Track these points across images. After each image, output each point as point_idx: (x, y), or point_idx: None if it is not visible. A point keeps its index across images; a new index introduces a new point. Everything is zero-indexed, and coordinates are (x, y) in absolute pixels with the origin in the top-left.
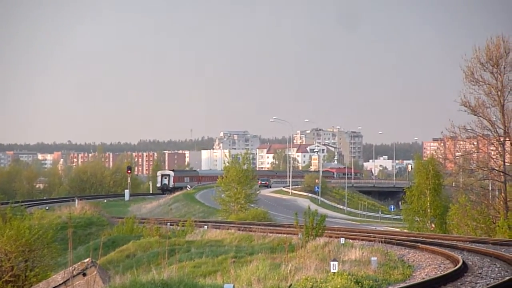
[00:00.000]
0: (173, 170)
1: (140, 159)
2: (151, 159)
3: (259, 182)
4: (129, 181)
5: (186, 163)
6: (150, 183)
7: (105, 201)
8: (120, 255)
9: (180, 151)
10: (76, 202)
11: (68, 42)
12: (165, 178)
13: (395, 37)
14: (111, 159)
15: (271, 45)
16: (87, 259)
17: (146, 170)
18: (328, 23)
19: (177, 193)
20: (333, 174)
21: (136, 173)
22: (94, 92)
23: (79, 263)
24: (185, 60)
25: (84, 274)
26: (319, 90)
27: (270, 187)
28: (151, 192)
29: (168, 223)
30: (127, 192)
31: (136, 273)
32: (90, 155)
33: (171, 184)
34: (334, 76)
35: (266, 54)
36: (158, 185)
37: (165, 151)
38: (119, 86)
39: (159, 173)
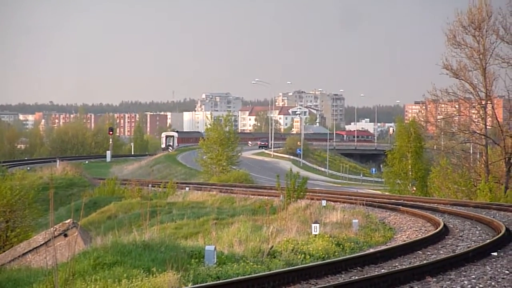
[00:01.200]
0: (177, 132)
1: (122, 121)
2: (133, 120)
3: (259, 143)
4: (111, 142)
5: (168, 125)
6: (132, 144)
7: (87, 162)
8: (101, 216)
9: (162, 113)
10: (58, 163)
11: (54, 3)
12: (170, 139)
13: (379, 1)
14: (92, 120)
15: (254, 5)
16: (69, 220)
17: (128, 131)
18: None
19: (158, 155)
20: (343, 137)
21: (118, 134)
22: (77, 53)
23: (60, 224)
24: (169, 22)
25: (66, 235)
26: (302, 52)
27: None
28: (132, 153)
29: (150, 185)
30: (108, 153)
31: (118, 234)
32: (72, 116)
33: (175, 145)
34: (316, 38)
35: (249, 15)
36: (163, 146)
37: (147, 113)
38: (102, 48)
39: (163, 134)
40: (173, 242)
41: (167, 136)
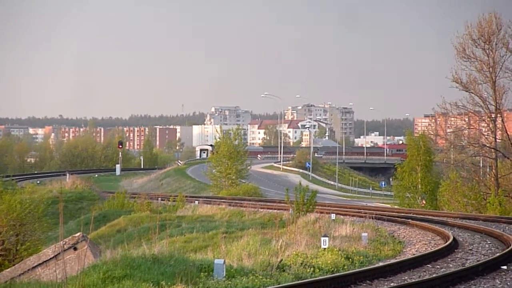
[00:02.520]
0: (211, 145)
1: (131, 134)
2: (142, 134)
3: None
4: (120, 155)
5: (177, 138)
6: (142, 157)
7: (96, 175)
8: (111, 230)
9: (172, 126)
10: (67, 176)
11: (65, 17)
12: (204, 152)
13: (388, 14)
14: (102, 134)
15: (265, 19)
16: (78, 234)
17: (138, 145)
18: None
19: (168, 168)
20: (385, 150)
21: (127, 148)
22: (86, 67)
23: (70, 237)
24: (178, 35)
25: (75, 249)
26: (311, 66)
27: None
28: (142, 167)
29: (159, 198)
30: (118, 166)
31: (127, 248)
32: (81, 129)
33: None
34: (325, 52)
35: (259, 30)
36: (198, 158)
37: (157, 126)
38: (112, 61)
39: (198, 147)
40: (183, 256)
41: (201, 150)
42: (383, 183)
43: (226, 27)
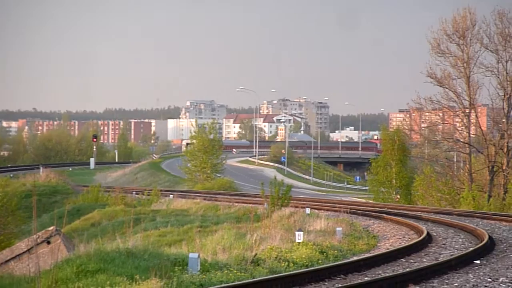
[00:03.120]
0: None
1: (105, 128)
2: (117, 127)
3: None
4: (94, 149)
5: (152, 132)
6: (116, 151)
7: (70, 169)
8: (85, 224)
9: (146, 120)
10: (41, 170)
11: (39, 10)
12: (190, 146)
13: (362, 8)
14: (76, 127)
15: (238, 14)
16: (52, 227)
17: (112, 138)
18: None
19: (142, 162)
20: (376, 145)
21: (101, 141)
22: (61, 60)
23: (43, 231)
24: (153, 29)
25: (49, 242)
26: (286, 60)
27: None
28: (116, 160)
29: (134, 192)
30: (92, 160)
31: (101, 242)
32: (55, 123)
33: (233, 151)
34: (301, 46)
35: (234, 24)
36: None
37: (131, 120)
38: (86, 55)
39: (184, 141)
40: (157, 250)
41: (188, 144)
42: (357, 177)
43: (201, 22)
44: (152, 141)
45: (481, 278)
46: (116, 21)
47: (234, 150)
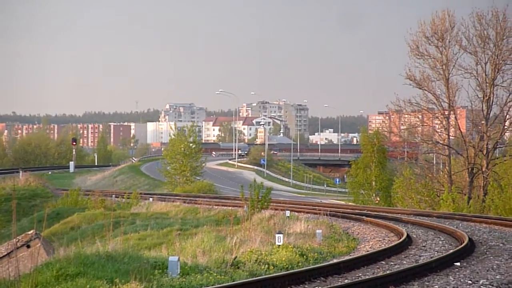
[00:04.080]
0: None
1: (85, 131)
2: (96, 131)
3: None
4: (74, 153)
5: (131, 136)
6: (96, 155)
7: (50, 173)
8: (64, 227)
9: (126, 123)
10: (20, 173)
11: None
12: None
13: (341, 8)
14: (56, 131)
15: (218, 17)
16: (31, 231)
17: (92, 142)
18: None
19: (122, 165)
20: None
21: (81, 145)
22: (39, 63)
23: (23, 234)
24: (132, 32)
25: (28, 246)
26: (265, 63)
27: None
28: (96, 164)
29: (113, 195)
30: (72, 164)
31: (81, 245)
32: (35, 126)
33: (212, 154)
34: (279, 49)
35: (213, 27)
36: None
37: (111, 123)
38: (65, 58)
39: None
40: (137, 253)
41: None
42: (337, 180)
43: (181, 24)
44: (132, 144)
45: (462, 280)
46: (94, 24)
47: (213, 152)
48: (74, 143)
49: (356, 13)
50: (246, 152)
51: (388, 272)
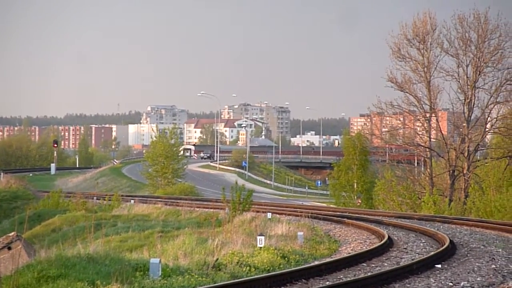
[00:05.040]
0: (194, 145)
1: (66, 133)
2: (77, 133)
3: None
4: (55, 155)
5: (113, 138)
6: (77, 156)
7: (31, 174)
8: (45, 229)
9: (107, 125)
10: (1, 175)
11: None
12: (187, 151)
13: (324, 12)
14: (37, 132)
15: (200, 18)
16: (12, 233)
17: (73, 144)
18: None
19: (103, 167)
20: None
21: (62, 147)
22: (19, 65)
23: (4, 236)
24: (114, 33)
25: (9, 248)
26: (247, 65)
27: None
28: (77, 166)
29: (95, 198)
30: (53, 166)
31: (62, 247)
32: (16, 128)
33: (193, 156)
34: (261, 51)
35: (194, 28)
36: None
37: (92, 125)
38: (46, 60)
39: (181, 147)
40: (118, 255)
41: (185, 149)
42: (319, 182)
43: (162, 26)
44: (113, 146)
45: (443, 282)
46: (74, 26)
47: (195, 155)
48: (56, 145)
49: (339, 17)
50: (208, 155)
51: (369, 274)
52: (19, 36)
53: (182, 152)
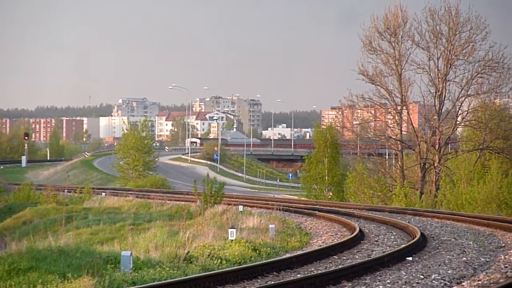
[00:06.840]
0: (199, 138)
1: (37, 126)
2: (48, 125)
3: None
4: (26, 147)
5: (84, 130)
6: (48, 149)
7: (2, 167)
8: (16, 222)
9: (78, 118)
10: None
11: None
12: (193, 144)
13: (294, 4)
14: (8, 125)
15: (172, 11)
16: None
17: (44, 136)
18: None
19: (74, 160)
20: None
21: (33, 139)
22: None
23: None
24: (85, 27)
25: None
26: (218, 58)
27: None
28: (48, 158)
29: (66, 190)
30: (24, 158)
31: (33, 240)
32: None
33: (165, 149)
34: (233, 44)
35: (166, 21)
36: None
37: (63, 118)
38: (18, 51)
39: (187, 140)
40: (89, 248)
41: (191, 142)
42: (290, 174)
43: (133, 18)
44: (84, 139)
45: (414, 275)
46: (49, 19)
47: (166, 147)
48: (26, 138)
49: (309, 8)
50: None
51: (340, 266)
52: None
53: (188, 145)
